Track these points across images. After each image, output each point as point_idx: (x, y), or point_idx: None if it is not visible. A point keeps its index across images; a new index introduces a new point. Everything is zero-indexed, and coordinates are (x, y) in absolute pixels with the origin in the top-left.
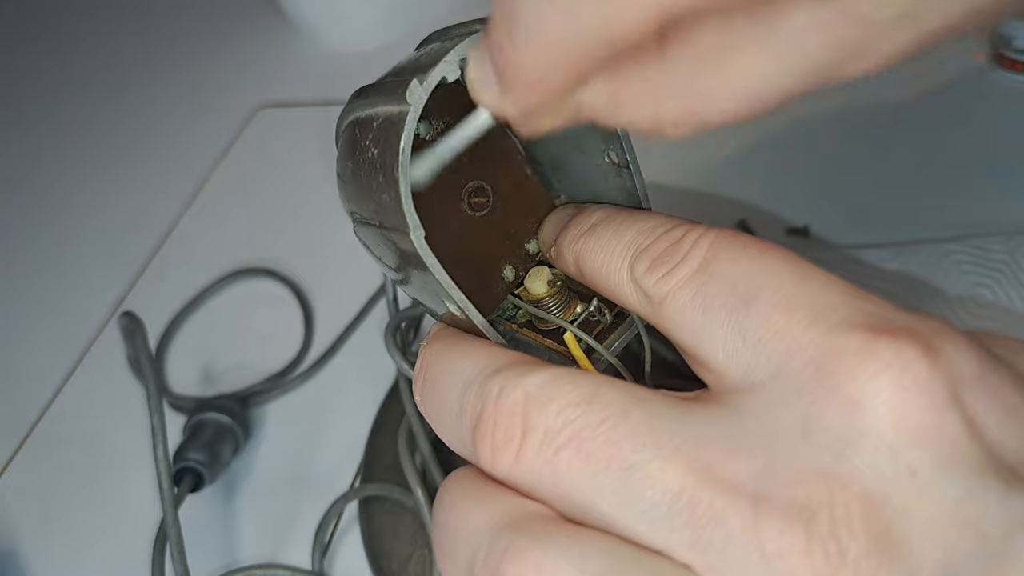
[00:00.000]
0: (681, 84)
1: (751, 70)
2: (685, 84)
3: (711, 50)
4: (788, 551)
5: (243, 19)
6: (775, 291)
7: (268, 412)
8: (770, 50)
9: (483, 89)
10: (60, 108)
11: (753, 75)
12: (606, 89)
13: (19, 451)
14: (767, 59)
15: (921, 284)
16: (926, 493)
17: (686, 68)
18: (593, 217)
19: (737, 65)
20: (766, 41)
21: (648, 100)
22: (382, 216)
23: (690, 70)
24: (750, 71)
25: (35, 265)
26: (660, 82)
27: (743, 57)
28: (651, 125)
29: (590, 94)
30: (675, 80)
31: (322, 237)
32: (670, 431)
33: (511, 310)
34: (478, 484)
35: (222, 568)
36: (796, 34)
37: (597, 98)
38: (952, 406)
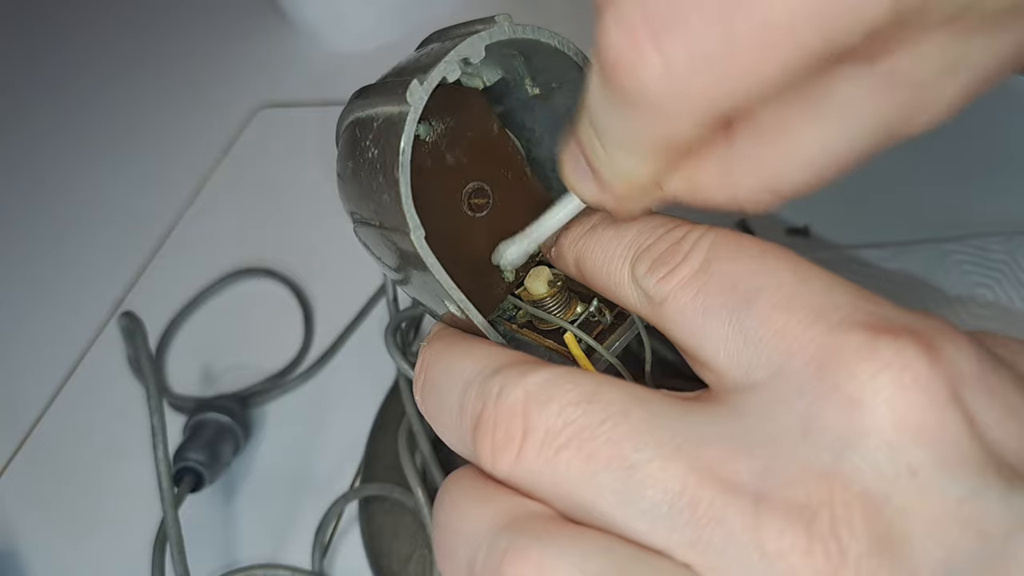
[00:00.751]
0: (750, 165)
1: (811, 142)
2: (754, 165)
3: (771, 129)
4: (789, 551)
5: (243, 19)
6: (776, 290)
7: (268, 412)
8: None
9: (580, 184)
10: (60, 108)
11: (814, 146)
12: (683, 177)
13: (19, 451)
14: (825, 130)
15: (921, 284)
16: (927, 492)
17: (751, 150)
18: (593, 218)
19: (796, 140)
20: (820, 113)
21: (724, 184)
22: (382, 216)
23: (755, 151)
24: (810, 143)
25: (35, 265)
26: (731, 166)
27: (801, 132)
28: (731, 204)
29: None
30: (744, 162)
31: (322, 237)
32: (671, 430)
33: (511, 310)
34: (478, 484)
35: (222, 568)
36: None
37: (677, 186)
38: (953, 405)
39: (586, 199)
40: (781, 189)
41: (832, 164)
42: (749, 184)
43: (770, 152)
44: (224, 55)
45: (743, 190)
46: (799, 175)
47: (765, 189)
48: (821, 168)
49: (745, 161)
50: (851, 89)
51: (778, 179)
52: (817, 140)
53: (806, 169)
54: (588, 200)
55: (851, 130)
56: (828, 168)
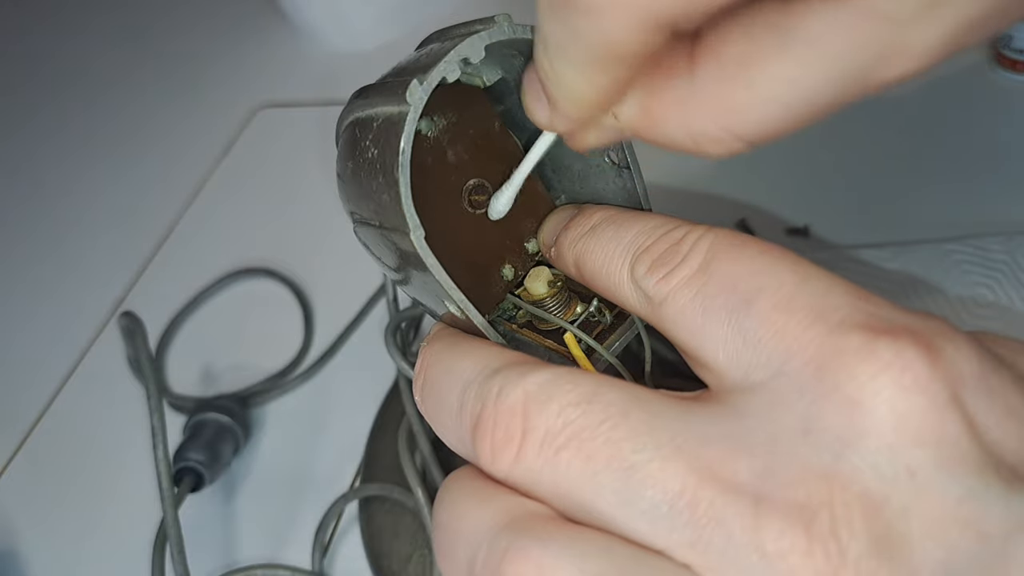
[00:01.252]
0: (710, 98)
1: (776, 77)
2: (714, 98)
3: (735, 62)
4: (789, 551)
5: (243, 19)
6: (775, 291)
7: (268, 412)
8: (791, 56)
9: (536, 109)
10: (61, 108)
11: (779, 82)
12: (639, 105)
13: (19, 451)
14: (790, 66)
15: (921, 284)
16: (926, 493)
17: (713, 82)
18: (593, 218)
19: (761, 74)
20: (786, 47)
21: (681, 116)
22: (382, 216)
23: (717, 84)
24: (775, 79)
25: (35, 265)
26: (690, 97)
27: (766, 66)
28: (690, 143)
29: (625, 110)
30: (704, 95)
31: (322, 237)
32: (671, 431)
33: (511, 310)
34: (478, 484)
35: (222, 568)
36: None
37: (632, 114)
38: (952, 406)
39: (540, 123)
40: (742, 129)
41: (798, 105)
42: (708, 120)
43: (732, 86)
44: (224, 55)
45: (701, 126)
46: (761, 114)
47: (725, 127)
48: (785, 109)
49: (705, 94)
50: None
51: (739, 117)
52: (783, 76)
53: (769, 108)
54: (542, 124)
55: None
56: (793, 109)
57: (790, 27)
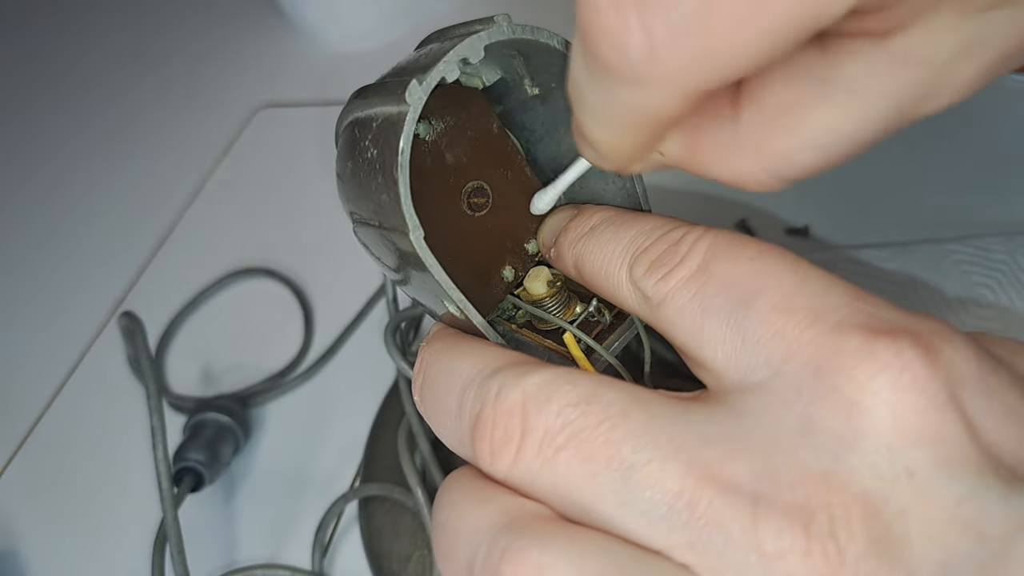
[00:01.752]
0: (753, 145)
1: (818, 124)
2: (757, 144)
3: (777, 110)
4: (787, 552)
5: (243, 19)
6: (774, 292)
7: (268, 412)
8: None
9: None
10: (60, 108)
11: (821, 130)
12: (684, 145)
13: (19, 451)
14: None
15: (921, 284)
16: (925, 494)
17: (756, 129)
18: (592, 219)
19: (803, 121)
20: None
21: (725, 159)
22: (381, 216)
23: (760, 131)
24: (817, 127)
25: (35, 265)
26: (734, 143)
27: (808, 113)
28: (732, 181)
29: (671, 147)
30: (748, 141)
31: (322, 237)
32: (670, 431)
33: (511, 310)
34: (477, 484)
35: (222, 568)
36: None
37: (677, 152)
38: (951, 406)
39: (592, 163)
40: (784, 172)
41: (840, 147)
42: (752, 164)
43: (775, 134)
44: (224, 55)
45: (745, 169)
46: (804, 158)
47: (767, 171)
48: (827, 151)
49: (749, 141)
50: (861, 69)
51: (782, 162)
52: (824, 122)
53: (812, 152)
54: (594, 163)
55: (860, 112)
56: (835, 151)
57: (830, 75)
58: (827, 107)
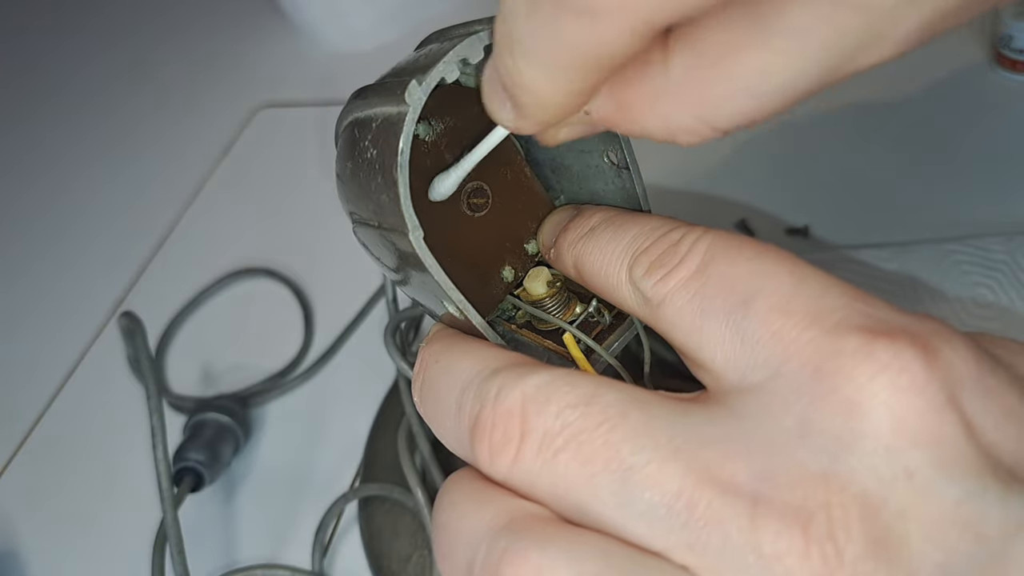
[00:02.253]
0: (687, 91)
1: (754, 69)
2: (691, 91)
3: (713, 52)
4: (786, 553)
5: (243, 19)
6: (773, 293)
7: (268, 412)
8: (771, 47)
9: (499, 110)
10: (60, 108)
11: (757, 75)
12: (612, 98)
13: (19, 451)
14: (770, 57)
15: (921, 284)
16: (924, 495)
17: (690, 74)
18: (592, 220)
19: (740, 66)
20: (766, 39)
21: (657, 109)
22: (381, 217)
23: (694, 76)
24: (754, 71)
25: (35, 265)
26: (666, 90)
27: (745, 57)
28: (664, 133)
29: (598, 104)
30: (681, 87)
31: (322, 237)
32: (669, 432)
33: (510, 311)
34: (477, 485)
35: (222, 568)
36: (797, 29)
37: (606, 108)
38: (949, 408)
39: (505, 125)
40: (718, 120)
41: (775, 96)
42: (684, 112)
43: (709, 77)
44: (224, 55)
45: (677, 118)
46: (738, 105)
47: (701, 119)
48: (762, 99)
49: (682, 85)
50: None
51: (716, 108)
52: (761, 66)
53: (746, 99)
54: (508, 126)
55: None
56: (770, 100)
57: (770, 17)
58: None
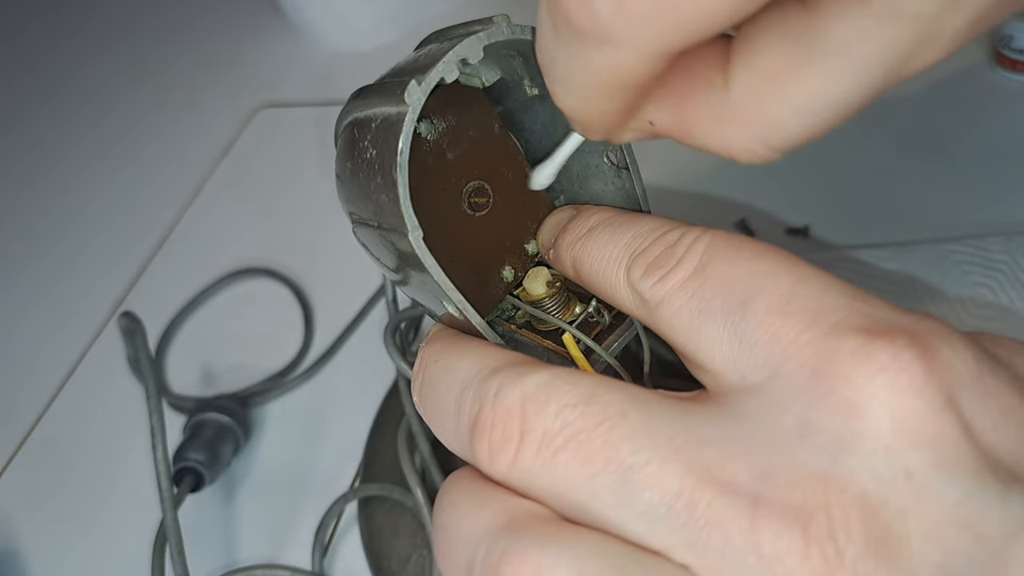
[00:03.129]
0: (745, 112)
1: (807, 90)
2: (749, 112)
3: (766, 75)
4: (786, 553)
5: (243, 19)
6: (771, 293)
7: (268, 412)
8: (821, 66)
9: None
10: (61, 108)
11: (810, 94)
12: (673, 113)
13: (19, 451)
14: (823, 75)
15: (921, 284)
16: (924, 495)
17: (746, 97)
18: (590, 220)
19: (792, 87)
20: (814, 58)
21: (716, 128)
22: (381, 217)
23: (750, 99)
24: (806, 91)
25: (35, 265)
26: (725, 111)
27: (797, 78)
28: (723, 151)
29: (658, 117)
30: (739, 108)
31: (322, 237)
32: (668, 432)
33: (510, 311)
34: (477, 485)
35: (222, 568)
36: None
37: (666, 121)
38: (948, 408)
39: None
40: (776, 141)
41: (830, 112)
42: (743, 132)
43: (765, 101)
44: (224, 55)
45: (737, 138)
46: (795, 125)
47: (759, 139)
48: (817, 117)
49: (739, 109)
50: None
51: (773, 130)
52: (813, 86)
53: (802, 119)
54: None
55: (849, 73)
56: (825, 117)
57: (815, 36)
58: (815, 70)
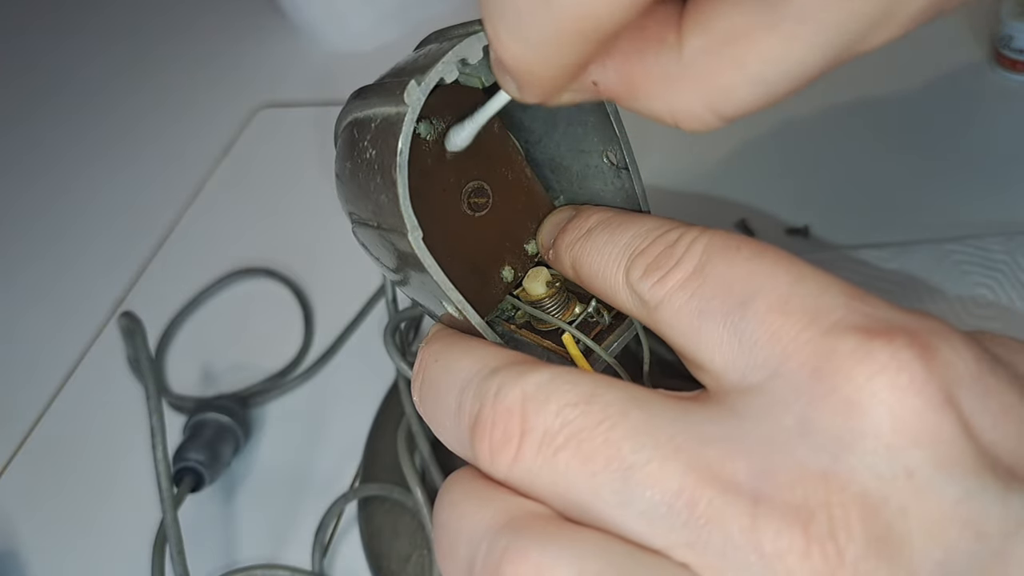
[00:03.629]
0: (697, 76)
1: (765, 56)
2: (701, 76)
3: (724, 37)
4: (787, 552)
5: (243, 19)
6: (770, 293)
7: (268, 412)
8: (782, 33)
9: (503, 83)
10: (60, 108)
11: (768, 62)
12: (621, 73)
13: (19, 451)
14: (779, 43)
15: (921, 284)
16: (924, 494)
17: (699, 59)
18: (590, 221)
19: (750, 54)
20: (775, 23)
21: (664, 91)
22: (380, 217)
23: (704, 61)
24: (765, 58)
25: (35, 265)
26: (676, 73)
27: (755, 44)
28: (668, 117)
29: (603, 76)
30: (691, 71)
31: (322, 237)
32: (669, 431)
33: (510, 311)
34: (477, 484)
35: (222, 568)
36: (808, 14)
37: (612, 82)
38: (948, 406)
39: (510, 94)
40: (726, 108)
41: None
42: (692, 97)
43: (720, 65)
44: (224, 55)
45: (685, 103)
46: (747, 93)
47: (709, 106)
48: (771, 86)
49: (691, 71)
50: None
51: (724, 97)
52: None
53: (756, 87)
54: (513, 96)
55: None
56: (778, 87)
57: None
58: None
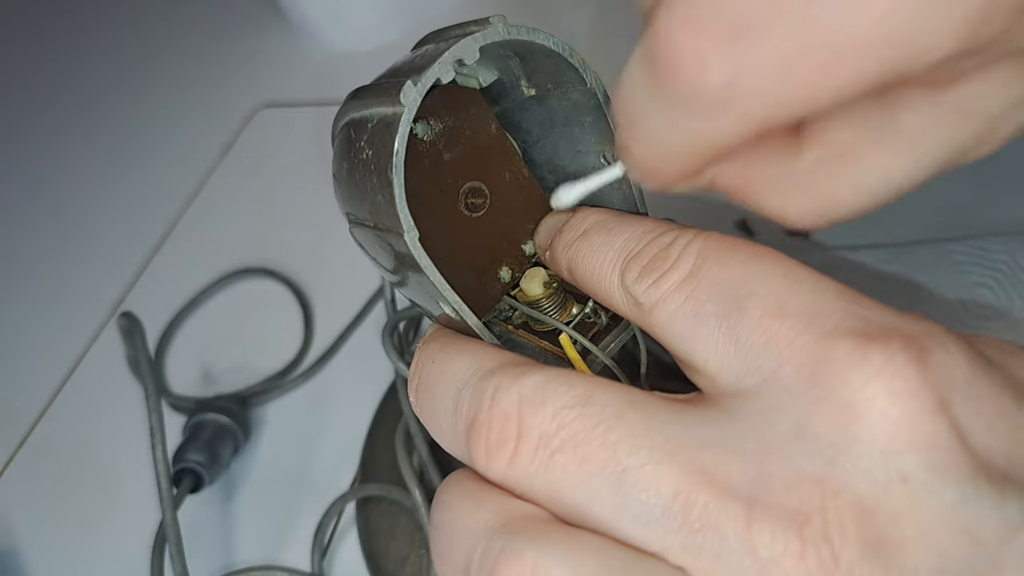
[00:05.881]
0: (810, 184)
1: (874, 171)
2: (814, 185)
3: (839, 152)
4: (781, 556)
5: (243, 19)
6: (766, 296)
7: (268, 412)
8: (891, 149)
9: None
10: (60, 108)
11: (876, 175)
12: (739, 173)
13: (19, 451)
14: (889, 159)
15: (921, 285)
16: (919, 499)
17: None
18: (586, 222)
19: (862, 167)
20: (885, 142)
21: (778, 194)
22: (377, 217)
23: (818, 171)
24: (873, 172)
25: (34, 265)
26: (791, 179)
27: (867, 158)
28: (778, 215)
29: (724, 175)
30: (803, 180)
31: (322, 237)
32: (665, 434)
33: (507, 311)
34: (474, 486)
35: (221, 569)
36: (915, 135)
37: (728, 180)
38: (942, 411)
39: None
40: (832, 214)
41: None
42: (806, 203)
43: (832, 175)
44: (224, 55)
45: (797, 206)
46: (855, 201)
47: (818, 212)
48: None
49: (805, 179)
50: (921, 121)
51: (832, 203)
52: (880, 169)
53: (862, 197)
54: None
55: (914, 159)
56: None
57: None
58: (884, 151)
